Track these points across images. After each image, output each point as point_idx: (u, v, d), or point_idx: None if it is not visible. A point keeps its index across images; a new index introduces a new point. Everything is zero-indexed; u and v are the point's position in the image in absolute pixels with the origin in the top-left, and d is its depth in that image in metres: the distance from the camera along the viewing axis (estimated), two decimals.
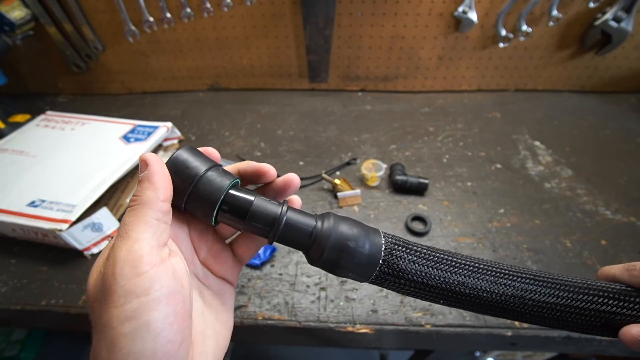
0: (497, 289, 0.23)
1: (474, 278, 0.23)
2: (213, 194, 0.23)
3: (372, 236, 0.23)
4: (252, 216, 0.23)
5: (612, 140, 0.76)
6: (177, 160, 0.23)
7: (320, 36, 0.82)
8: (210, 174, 0.23)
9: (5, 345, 1.14)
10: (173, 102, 0.91)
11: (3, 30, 0.73)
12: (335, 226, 0.23)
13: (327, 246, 0.23)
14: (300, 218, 0.24)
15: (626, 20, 0.75)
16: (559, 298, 0.23)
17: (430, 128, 0.80)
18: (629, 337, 0.23)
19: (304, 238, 0.23)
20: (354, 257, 0.23)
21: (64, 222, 0.49)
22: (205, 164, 0.23)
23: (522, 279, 0.24)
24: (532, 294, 0.23)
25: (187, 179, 0.23)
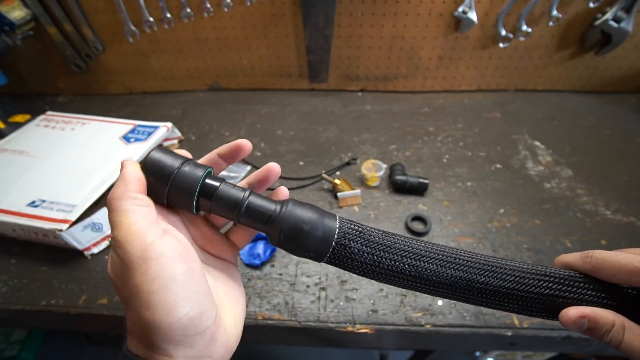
0: (445, 272, 0.25)
1: (422, 262, 0.25)
2: (190, 186, 0.25)
3: (326, 220, 0.25)
4: (218, 199, 0.26)
5: (612, 140, 0.76)
6: (151, 161, 0.25)
7: (320, 36, 0.82)
8: (183, 169, 0.25)
9: (5, 345, 1.14)
10: (173, 102, 0.91)
11: (3, 30, 0.73)
12: (292, 210, 0.25)
13: (283, 228, 0.25)
14: (262, 202, 0.26)
15: (626, 20, 0.75)
16: (504, 282, 0.25)
17: (430, 128, 0.80)
18: (567, 319, 0.24)
19: (264, 220, 0.26)
20: (308, 239, 0.25)
21: (64, 222, 0.49)
22: (177, 160, 0.25)
23: (470, 264, 0.26)
24: (478, 277, 0.25)
25: (164, 177, 0.25)
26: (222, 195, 0.26)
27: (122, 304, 0.47)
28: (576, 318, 0.24)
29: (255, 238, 0.55)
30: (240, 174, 0.62)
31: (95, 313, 0.47)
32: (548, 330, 0.44)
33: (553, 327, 0.44)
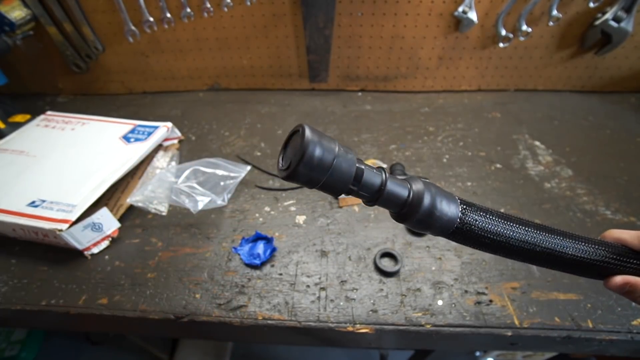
0: (544, 242, 0.30)
1: (523, 232, 0.29)
2: (347, 176, 0.25)
3: (451, 199, 0.28)
4: (363, 186, 0.27)
5: (612, 140, 0.76)
6: (310, 156, 0.23)
7: (320, 36, 0.82)
8: (339, 157, 0.24)
9: (5, 345, 1.14)
10: (173, 102, 0.91)
11: (3, 30, 0.73)
12: (427, 191, 0.27)
13: (420, 210, 0.27)
14: (396, 189, 0.28)
15: (626, 20, 0.75)
16: (580, 251, 0.30)
17: (430, 128, 0.80)
18: (613, 283, 0.31)
19: (398, 206, 0.28)
20: (436, 224, 0.27)
21: (64, 222, 0.49)
22: (332, 146, 0.24)
23: (564, 236, 0.30)
24: (565, 248, 0.30)
25: (322, 171, 0.24)
26: (366, 182, 0.26)
27: (121, 304, 0.47)
28: (622, 283, 0.31)
29: (255, 238, 0.55)
30: (240, 174, 0.62)
31: (95, 313, 0.47)
32: (548, 330, 0.44)
33: (553, 327, 0.44)
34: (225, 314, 0.46)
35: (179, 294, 0.49)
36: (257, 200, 0.63)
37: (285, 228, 0.58)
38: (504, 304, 0.47)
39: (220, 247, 0.55)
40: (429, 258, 0.53)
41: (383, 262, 0.52)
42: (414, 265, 0.52)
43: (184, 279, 0.50)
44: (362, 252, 0.54)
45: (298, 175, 0.24)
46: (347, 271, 0.51)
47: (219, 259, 0.53)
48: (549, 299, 0.47)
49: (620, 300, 0.47)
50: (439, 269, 0.51)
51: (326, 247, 0.55)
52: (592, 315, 0.45)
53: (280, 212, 0.61)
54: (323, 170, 0.24)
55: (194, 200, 0.57)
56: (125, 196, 0.61)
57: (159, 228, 0.58)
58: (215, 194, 0.59)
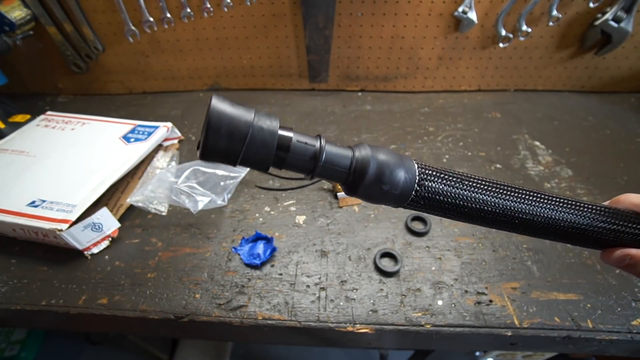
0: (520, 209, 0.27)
1: (495, 197, 0.26)
2: (268, 144, 0.22)
3: (407, 164, 0.25)
4: (294, 154, 0.23)
5: (612, 140, 0.76)
6: (218, 118, 0.21)
7: (320, 36, 0.82)
8: (257, 124, 0.21)
9: (5, 345, 1.14)
10: (173, 102, 0.91)
11: (3, 30, 0.73)
12: (373, 157, 0.24)
13: (365, 179, 0.24)
14: (338, 151, 0.24)
15: (626, 20, 0.75)
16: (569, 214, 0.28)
17: (430, 128, 0.80)
18: (610, 256, 0.28)
19: (342, 176, 0.24)
20: (391, 184, 0.24)
21: (64, 222, 0.49)
22: (247, 113, 0.22)
23: (547, 201, 0.28)
24: (559, 214, 0.27)
25: (240, 139, 0.21)
26: (296, 150, 0.23)
27: (121, 304, 0.47)
28: (621, 256, 0.27)
29: (255, 238, 0.55)
30: (240, 174, 0.62)
31: (95, 313, 0.47)
32: (548, 330, 0.44)
33: (553, 327, 0.44)
34: (225, 314, 0.46)
35: (179, 294, 0.49)
36: (257, 200, 0.63)
37: (285, 228, 0.58)
38: (504, 304, 0.47)
39: (220, 247, 0.55)
40: (429, 258, 0.53)
41: (383, 262, 0.52)
42: (414, 265, 0.52)
43: (184, 279, 0.50)
44: (362, 252, 0.54)
45: (210, 151, 0.21)
46: (347, 271, 0.51)
47: (219, 259, 0.53)
48: (549, 299, 0.47)
49: (620, 300, 0.47)
50: (439, 269, 0.51)
51: (326, 247, 0.55)
52: (592, 315, 0.45)
53: (280, 212, 0.61)
54: (237, 141, 0.21)
55: (194, 200, 0.57)
56: (125, 196, 0.61)
57: (159, 228, 0.58)
58: (215, 194, 0.59)
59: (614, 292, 0.48)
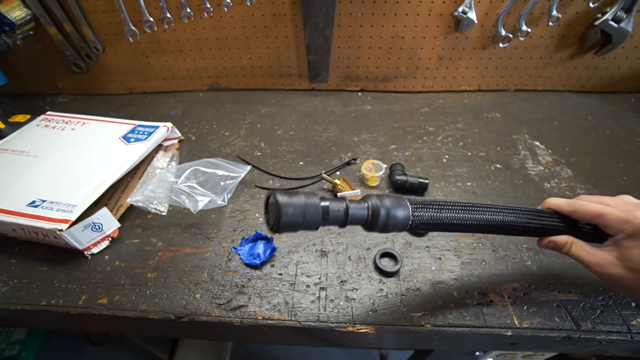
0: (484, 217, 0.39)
1: (469, 213, 0.39)
2: (316, 218, 0.34)
3: (403, 206, 0.36)
4: (330, 221, 0.35)
5: (612, 140, 0.76)
6: (287, 215, 0.32)
7: (320, 36, 0.82)
8: (307, 212, 0.33)
9: (5, 345, 1.14)
10: (173, 102, 0.91)
11: (3, 30, 0.73)
12: (382, 207, 0.35)
13: (378, 223, 0.35)
14: (357, 212, 0.35)
15: (626, 20, 0.75)
16: (520, 218, 0.40)
17: (430, 128, 0.80)
18: (541, 242, 0.42)
19: (363, 223, 0.36)
20: (394, 226, 0.36)
21: (64, 222, 0.49)
22: (299, 206, 0.33)
23: (496, 211, 0.40)
24: (505, 218, 0.40)
25: (298, 222, 0.33)
26: (332, 215, 0.34)
27: (121, 304, 0.47)
28: (546, 242, 0.42)
29: (255, 238, 0.55)
30: (240, 174, 0.62)
31: (95, 313, 0.47)
32: (548, 330, 0.44)
33: (553, 327, 0.44)
34: (225, 314, 0.46)
35: (179, 294, 0.49)
36: (257, 200, 0.63)
37: None
38: (504, 304, 0.47)
39: (220, 247, 0.55)
40: (429, 258, 0.53)
41: (383, 262, 0.52)
42: (414, 265, 0.52)
43: (184, 279, 0.50)
44: (362, 252, 0.54)
45: (282, 230, 0.33)
46: (347, 271, 0.51)
47: (219, 259, 0.53)
48: (549, 299, 0.47)
49: (620, 300, 0.47)
50: (439, 269, 0.51)
51: (326, 247, 0.55)
52: (592, 315, 0.45)
53: None
54: (298, 221, 0.32)
55: (194, 200, 0.57)
56: (125, 196, 0.61)
57: (159, 228, 0.58)
58: (215, 194, 0.59)
59: (614, 292, 0.48)
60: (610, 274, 0.37)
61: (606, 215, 0.37)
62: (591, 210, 0.39)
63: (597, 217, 0.38)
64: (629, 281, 0.36)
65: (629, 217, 0.36)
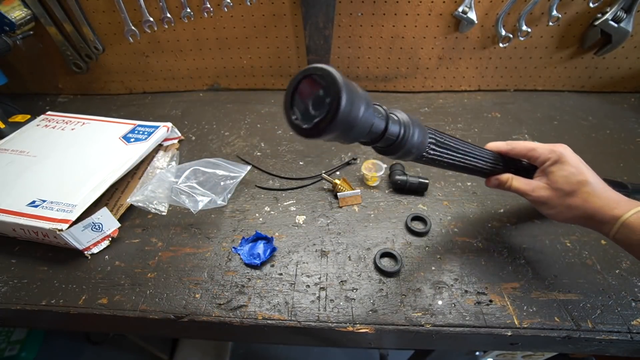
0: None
1: (461, 155, 0.43)
2: (366, 128, 0.27)
3: (424, 133, 0.36)
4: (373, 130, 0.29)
5: (612, 140, 0.76)
6: (347, 112, 0.22)
7: (320, 36, 0.82)
8: (363, 113, 0.24)
9: (5, 345, 1.14)
10: (173, 102, 0.91)
11: (3, 30, 0.73)
12: (415, 130, 0.34)
13: (408, 152, 0.34)
14: (393, 128, 0.31)
15: (626, 20, 0.75)
16: (480, 161, 0.46)
17: None
18: (489, 182, 0.49)
19: (392, 143, 0.33)
20: (411, 155, 0.35)
21: (64, 222, 0.49)
22: (360, 98, 0.24)
23: (473, 155, 0.45)
24: (477, 162, 0.46)
25: (353, 123, 0.23)
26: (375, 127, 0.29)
27: (121, 304, 0.47)
28: (493, 180, 0.48)
29: (255, 238, 0.55)
30: (240, 174, 0.62)
31: (95, 313, 0.47)
32: (548, 330, 0.44)
33: (553, 327, 0.44)
34: (225, 314, 0.46)
35: (179, 294, 0.49)
36: (257, 200, 0.63)
37: (285, 228, 0.58)
38: (504, 304, 0.47)
39: (220, 247, 0.55)
40: (429, 258, 0.53)
41: (383, 262, 0.52)
42: (414, 265, 0.52)
43: (184, 278, 0.50)
44: (362, 252, 0.54)
45: (334, 128, 0.21)
46: (347, 271, 0.51)
47: (219, 259, 0.53)
48: (549, 299, 0.47)
49: (620, 300, 0.47)
50: (439, 269, 0.51)
51: (326, 247, 0.55)
52: (592, 315, 0.45)
53: (280, 212, 0.61)
54: (354, 122, 0.22)
55: (194, 200, 0.57)
56: (125, 196, 0.61)
57: (159, 228, 0.58)
58: (215, 194, 0.59)
59: (614, 292, 0.48)
60: (540, 196, 0.44)
61: (536, 147, 0.45)
62: (525, 145, 0.46)
63: (530, 151, 0.45)
64: (553, 200, 0.43)
65: (554, 147, 0.44)
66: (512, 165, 0.48)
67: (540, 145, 0.45)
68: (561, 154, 0.44)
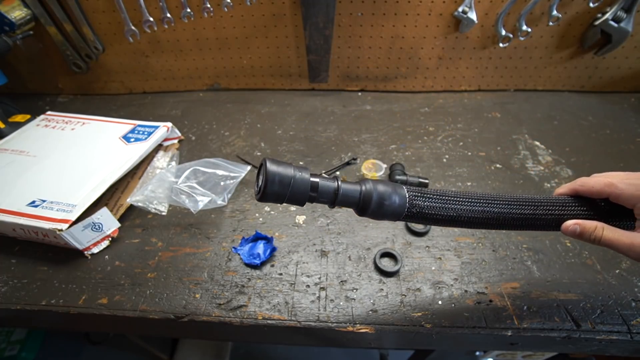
0: (484, 211, 0.35)
1: (468, 205, 0.35)
2: (304, 189, 0.32)
3: (399, 192, 0.34)
4: (321, 194, 0.33)
5: (612, 140, 0.76)
6: (272, 175, 0.31)
7: (320, 36, 0.82)
8: (296, 175, 0.32)
9: (5, 345, 1.14)
10: (173, 102, 0.91)
11: (3, 30, 0.73)
12: (375, 189, 0.33)
13: (369, 208, 0.33)
14: (349, 188, 0.34)
15: (626, 20, 0.75)
16: (526, 210, 0.36)
17: (430, 128, 0.80)
18: (565, 228, 0.36)
19: (354, 203, 0.34)
20: (388, 211, 0.33)
21: (64, 222, 0.49)
22: (290, 169, 0.32)
23: (500, 203, 0.35)
24: (510, 211, 0.35)
25: (285, 186, 0.31)
26: (322, 190, 0.33)
27: (121, 304, 0.47)
28: (571, 226, 0.35)
29: (255, 237, 0.55)
30: (240, 174, 0.62)
31: (95, 313, 0.47)
32: (548, 330, 0.44)
33: (553, 327, 0.44)
34: (225, 313, 0.46)
35: (179, 293, 0.49)
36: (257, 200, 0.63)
37: (285, 228, 0.58)
38: (504, 304, 0.47)
39: (220, 247, 0.55)
40: (429, 258, 0.53)
41: (383, 262, 0.52)
42: (413, 265, 0.52)
43: (184, 278, 0.50)
44: (362, 252, 0.54)
45: (267, 196, 0.31)
46: (347, 271, 0.51)
47: (219, 259, 0.53)
48: (549, 298, 0.47)
49: (620, 300, 0.47)
50: (439, 269, 0.51)
51: (326, 247, 0.55)
52: (592, 315, 0.45)
53: (280, 212, 0.61)
54: (284, 189, 0.31)
55: (194, 200, 0.57)
56: (125, 196, 0.61)
57: (159, 228, 0.58)
58: (215, 193, 0.59)
59: (614, 292, 0.48)
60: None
61: (617, 183, 0.33)
62: (600, 180, 0.35)
63: (607, 186, 0.34)
64: None
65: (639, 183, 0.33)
66: (593, 207, 0.36)
67: (619, 179, 0.34)
68: None
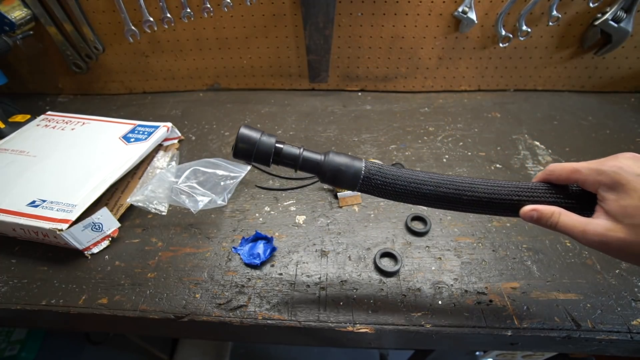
0: (440, 190, 0.36)
1: (421, 185, 0.36)
2: (268, 149, 0.37)
3: (356, 164, 0.37)
4: (284, 157, 0.38)
5: (612, 140, 0.76)
6: (242, 135, 0.36)
7: (320, 36, 0.82)
8: (262, 138, 0.36)
9: (5, 345, 1.14)
10: (173, 102, 0.91)
11: (3, 30, 0.73)
12: (332, 158, 0.37)
13: (327, 172, 0.37)
14: (311, 155, 0.38)
15: (626, 20, 0.75)
16: (485, 194, 0.36)
17: (430, 128, 0.80)
18: (523, 213, 0.36)
19: (314, 168, 0.38)
20: (344, 177, 0.37)
21: (64, 222, 0.49)
22: (257, 133, 0.37)
23: (457, 184, 0.36)
24: (464, 193, 0.36)
25: (251, 145, 0.36)
26: (285, 154, 0.37)
27: (121, 304, 0.47)
28: (529, 211, 0.35)
29: (255, 237, 0.55)
30: (240, 174, 0.62)
31: (95, 313, 0.47)
32: (548, 330, 0.44)
33: (553, 327, 0.44)
34: (225, 313, 0.46)
35: (179, 293, 0.49)
36: (257, 200, 0.63)
37: (285, 228, 0.58)
38: (504, 304, 0.47)
39: (220, 247, 0.55)
40: (429, 258, 0.53)
41: (383, 262, 0.52)
42: (414, 265, 0.52)
43: (184, 278, 0.50)
44: (362, 252, 0.54)
45: (237, 155, 0.36)
46: (347, 271, 0.51)
47: (219, 259, 0.53)
48: (549, 298, 0.47)
49: (620, 300, 0.47)
50: (439, 268, 0.51)
51: (326, 247, 0.55)
52: (592, 315, 0.45)
53: (280, 212, 0.61)
54: (251, 147, 0.36)
55: (194, 200, 0.57)
56: (125, 196, 0.61)
57: (159, 228, 0.58)
58: (215, 193, 0.59)
59: (614, 292, 0.48)
60: (612, 240, 0.30)
61: (580, 168, 0.33)
62: (566, 167, 0.35)
63: (573, 173, 0.34)
64: (624, 242, 0.29)
65: (601, 166, 0.32)
66: (559, 192, 0.36)
67: (584, 164, 0.34)
68: (615, 173, 0.31)
